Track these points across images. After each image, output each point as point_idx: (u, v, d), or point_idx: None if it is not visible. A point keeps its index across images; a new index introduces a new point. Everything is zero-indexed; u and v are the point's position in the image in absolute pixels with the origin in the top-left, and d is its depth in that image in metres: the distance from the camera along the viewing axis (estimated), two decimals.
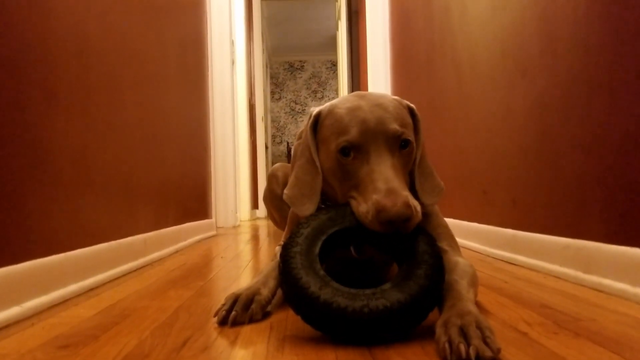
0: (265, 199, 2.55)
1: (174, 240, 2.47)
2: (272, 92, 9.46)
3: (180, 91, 2.79)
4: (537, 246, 1.69)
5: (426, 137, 3.06)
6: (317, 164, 1.10)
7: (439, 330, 0.84)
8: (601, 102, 1.36)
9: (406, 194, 0.93)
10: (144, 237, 2.03)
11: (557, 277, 1.53)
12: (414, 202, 0.95)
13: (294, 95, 9.56)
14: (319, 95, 9.55)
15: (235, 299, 1.08)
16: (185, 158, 2.86)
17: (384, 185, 0.94)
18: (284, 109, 9.52)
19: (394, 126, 1.01)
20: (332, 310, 0.87)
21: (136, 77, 2.05)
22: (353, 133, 1.01)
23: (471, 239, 2.30)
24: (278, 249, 1.27)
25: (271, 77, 9.39)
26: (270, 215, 2.69)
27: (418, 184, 1.09)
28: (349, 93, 5.50)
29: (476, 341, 0.78)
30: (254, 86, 6.45)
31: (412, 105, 1.13)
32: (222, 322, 1.06)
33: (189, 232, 2.82)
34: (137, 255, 1.93)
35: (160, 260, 2.14)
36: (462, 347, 0.76)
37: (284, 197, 1.14)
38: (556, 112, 1.59)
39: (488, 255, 2.05)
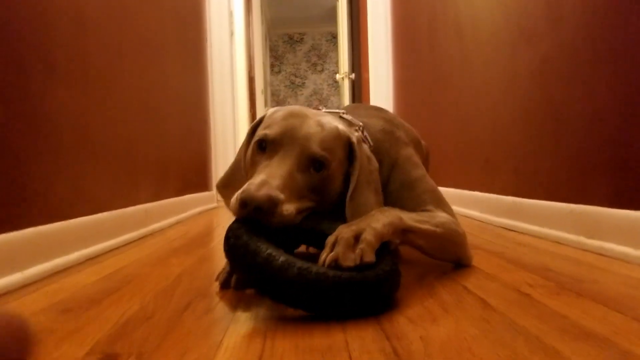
0: None
1: (174, 212, 2.47)
2: (272, 65, 9.37)
3: (178, 63, 2.76)
4: (539, 213, 1.69)
5: (429, 106, 3.03)
6: (243, 161, 1.10)
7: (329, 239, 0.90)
8: (606, 68, 1.34)
9: (276, 193, 0.89)
10: (144, 207, 2.03)
11: (559, 242, 1.53)
12: (285, 206, 0.90)
13: (293, 68, 9.48)
14: (318, 67, 9.46)
15: None
16: (184, 130, 2.85)
17: (263, 177, 0.91)
18: (284, 82, 9.45)
19: (313, 145, 0.97)
20: (292, 272, 0.81)
21: (134, 48, 2.03)
22: (274, 130, 0.99)
23: (472, 208, 2.30)
24: None
25: (270, 50, 9.30)
26: None
27: (348, 213, 1.01)
28: (349, 65, 5.38)
29: (339, 249, 0.85)
30: (253, 58, 6.39)
31: (354, 139, 1.05)
32: (224, 286, 1.06)
33: (190, 204, 2.81)
34: (139, 225, 1.93)
35: (162, 230, 2.14)
36: (323, 255, 0.86)
37: (216, 186, 1.17)
38: (560, 78, 1.57)
39: (489, 223, 2.05)
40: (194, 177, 3.03)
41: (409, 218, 1.04)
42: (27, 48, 1.25)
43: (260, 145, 1.00)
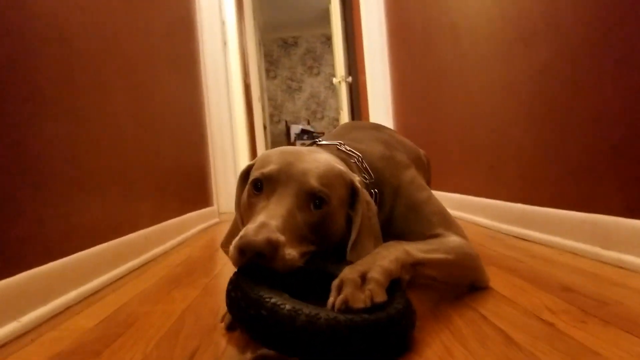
0: None
1: (176, 232, 2.42)
2: (267, 71, 9.32)
3: (171, 79, 2.71)
4: (550, 221, 1.64)
5: (429, 110, 2.98)
6: (237, 212, 1.04)
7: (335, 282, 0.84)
8: (610, 71, 1.29)
9: (277, 235, 0.82)
10: (144, 232, 1.98)
11: (574, 253, 1.48)
12: (287, 250, 0.84)
13: (289, 72, 9.42)
14: (314, 71, 9.41)
15: None
16: (181, 146, 2.80)
17: (262, 219, 0.85)
18: (280, 87, 9.39)
19: (312, 180, 0.92)
20: (300, 320, 0.74)
21: (124, 69, 1.97)
22: (270, 167, 0.94)
23: (479, 215, 2.25)
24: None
25: (265, 55, 9.25)
26: None
27: (348, 247, 0.96)
28: (345, 68, 5.33)
29: (348, 290, 0.80)
30: (248, 66, 6.34)
31: (357, 183, 1.00)
32: (230, 328, 1.01)
33: (192, 222, 2.76)
34: (139, 252, 1.88)
35: (164, 254, 2.09)
36: (331, 299, 0.80)
37: (220, 246, 1.10)
38: (563, 83, 1.52)
39: (498, 231, 1.99)
40: (193, 194, 2.98)
41: (417, 249, 0.99)
42: (10, 75, 1.20)
43: (256, 186, 0.95)
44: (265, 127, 7.83)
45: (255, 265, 0.82)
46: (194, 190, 3.01)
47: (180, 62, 2.96)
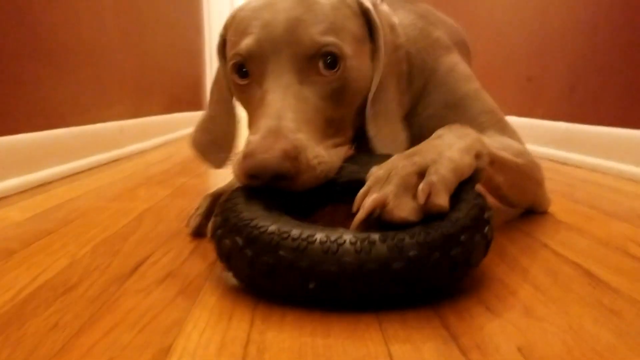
0: None
1: (160, 131, 2.13)
2: None
3: None
4: (603, 142, 1.35)
5: (455, 16, 2.62)
6: (230, 96, 0.76)
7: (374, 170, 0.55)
8: None
9: (296, 138, 0.58)
10: (119, 124, 1.69)
11: (636, 180, 1.21)
12: (314, 154, 0.59)
13: None
14: None
15: (214, 200, 0.75)
16: (172, 40, 2.47)
17: (267, 122, 0.60)
18: None
19: (312, 32, 0.63)
20: (280, 248, 0.48)
21: None
22: (247, 42, 0.65)
23: None
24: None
25: None
26: None
27: (371, 128, 0.70)
28: None
29: (391, 188, 0.50)
30: None
31: (366, 4, 0.70)
32: (196, 233, 0.74)
33: (179, 124, 2.47)
34: (110, 145, 1.59)
35: (142, 153, 1.81)
36: (358, 201, 0.52)
37: (190, 143, 0.80)
38: None
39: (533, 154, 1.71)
40: (184, 94, 2.67)
41: (488, 143, 0.68)
42: None
43: (240, 72, 0.67)
44: None
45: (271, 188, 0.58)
46: (185, 90, 2.70)
47: None
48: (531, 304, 0.51)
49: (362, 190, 0.53)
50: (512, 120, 1.85)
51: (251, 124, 0.66)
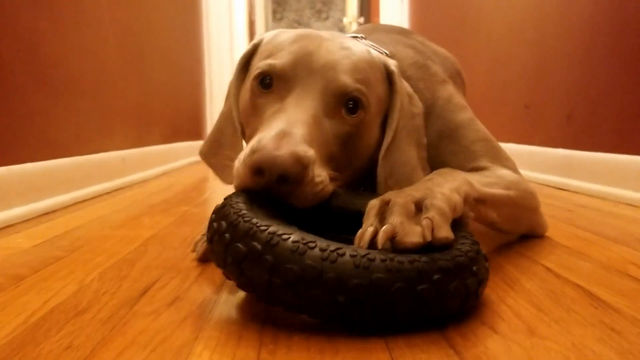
0: None
1: (161, 161, 2.15)
2: (274, 12, 8.88)
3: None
4: (601, 168, 1.37)
5: (453, 50, 2.67)
6: (235, 114, 0.77)
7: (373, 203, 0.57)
8: None
9: (305, 149, 0.58)
10: (121, 154, 1.70)
11: (633, 205, 1.22)
12: (317, 172, 0.60)
13: (296, 15, 8.96)
14: (323, 15, 8.95)
15: None
16: (173, 70, 2.51)
17: (282, 126, 0.60)
18: None
19: (344, 77, 0.66)
20: (311, 257, 0.48)
21: None
22: (282, 58, 0.67)
23: None
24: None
25: None
26: None
27: (380, 174, 0.71)
28: (357, 13, 4.97)
29: (395, 218, 0.52)
30: (253, 1, 5.96)
31: (392, 67, 0.74)
32: (203, 259, 0.75)
33: (180, 153, 2.49)
34: (112, 174, 1.61)
35: (143, 182, 1.82)
36: (365, 228, 0.53)
37: (199, 154, 0.81)
38: (637, 4, 1.23)
39: (532, 181, 1.73)
40: (185, 124, 2.70)
41: (477, 182, 0.71)
42: None
43: (263, 82, 0.68)
44: None
45: (270, 192, 0.58)
46: (185, 120, 2.73)
47: None
48: (535, 324, 0.52)
49: (365, 225, 0.54)
50: (511, 147, 1.88)
51: (259, 129, 0.66)
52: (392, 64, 0.73)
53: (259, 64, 0.70)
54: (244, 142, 0.75)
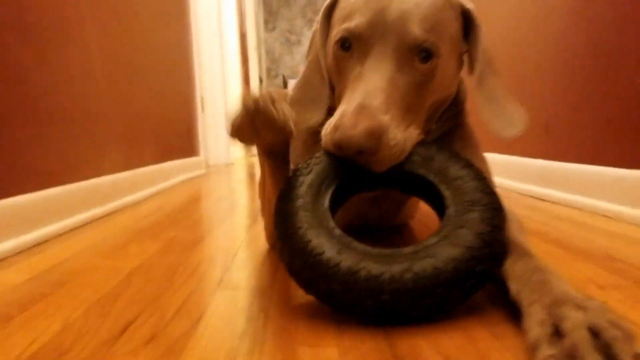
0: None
1: (152, 181, 2.19)
2: (266, 22, 8.93)
3: (153, 14, 2.43)
4: (578, 179, 1.41)
5: None
6: (323, 62, 0.86)
7: (538, 330, 0.51)
8: None
9: (382, 119, 0.68)
10: (111, 178, 1.74)
11: (607, 216, 1.26)
12: (392, 135, 0.69)
13: (288, 24, 9.02)
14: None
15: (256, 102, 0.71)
16: (162, 88, 2.54)
17: (359, 98, 0.70)
18: (279, 40, 9.00)
19: (415, 29, 0.73)
20: (360, 280, 0.60)
21: (98, 5, 1.71)
22: (358, 21, 0.75)
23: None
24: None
25: (264, 5, 8.85)
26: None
27: (485, 112, 0.80)
28: None
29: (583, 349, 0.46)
30: (244, 14, 6.01)
31: (468, 6, 0.80)
32: (233, 135, 0.74)
33: (172, 172, 2.53)
34: (103, 200, 1.65)
35: (135, 204, 1.86)
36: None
37: (288, 100, 0.87)
38: (610, 16, 1.27)
39: (513, 191, 1.77)
40: (176, 142, 2.74)
41: (520, 240, 0.71)
42: None
43: (344, 45, 0.77)
44: (261, 81, 7.53)
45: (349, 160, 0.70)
46: (177, 138, 2.77)
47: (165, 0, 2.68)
48: (483, 346, 0.56)
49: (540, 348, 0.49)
50: (491, 157, 1.92)
51: (343, 93, 0.76)
52: (468, 2, 0.81)
53: (338, 29, 0.78)
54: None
